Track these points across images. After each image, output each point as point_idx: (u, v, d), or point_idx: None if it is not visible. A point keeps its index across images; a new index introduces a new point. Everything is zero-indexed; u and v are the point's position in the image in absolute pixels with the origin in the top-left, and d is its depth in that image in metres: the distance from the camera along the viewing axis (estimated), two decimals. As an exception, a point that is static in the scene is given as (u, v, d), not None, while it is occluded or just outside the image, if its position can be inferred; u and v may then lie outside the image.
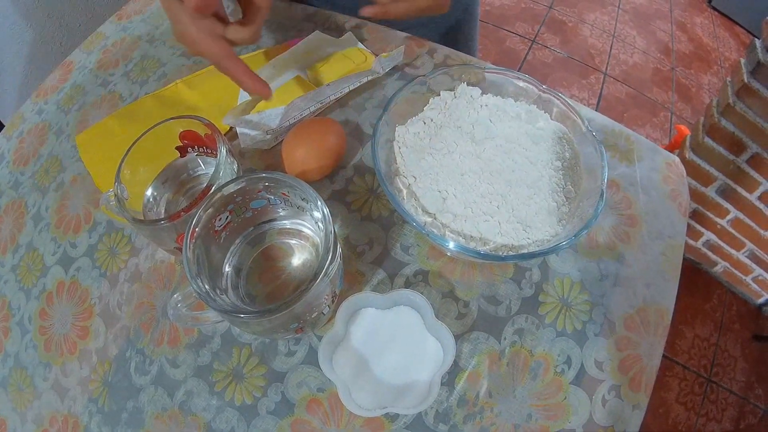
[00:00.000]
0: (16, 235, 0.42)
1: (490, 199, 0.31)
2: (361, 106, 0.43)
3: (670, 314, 0.35)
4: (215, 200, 0.27)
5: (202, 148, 0.34)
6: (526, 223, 0.30)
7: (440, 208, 0.31)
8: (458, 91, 0.36)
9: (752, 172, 0.90)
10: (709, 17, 1.75)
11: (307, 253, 0.31)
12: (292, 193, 0.28)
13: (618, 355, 0.33)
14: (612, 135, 0.43)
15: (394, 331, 0.30)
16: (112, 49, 0.53)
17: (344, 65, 0.42)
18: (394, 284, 0.34)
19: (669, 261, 0.37)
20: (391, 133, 0.34)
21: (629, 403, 0.32)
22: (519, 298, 0.34)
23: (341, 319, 0.30)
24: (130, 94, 0.48)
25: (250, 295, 0.30)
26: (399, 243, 0.35)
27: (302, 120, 0.39)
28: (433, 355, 0.30)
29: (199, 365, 0.33)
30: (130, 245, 0.38)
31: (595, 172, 0.32)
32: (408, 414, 0.30)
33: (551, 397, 0.31)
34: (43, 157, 0.46)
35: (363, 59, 0.43)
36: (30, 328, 0.37)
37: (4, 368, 0.37)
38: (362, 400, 0.29)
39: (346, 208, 0.37)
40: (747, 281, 1.09)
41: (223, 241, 0.29)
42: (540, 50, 1.52)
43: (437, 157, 0.32)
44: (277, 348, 0.33)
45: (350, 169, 0.39)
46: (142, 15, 0.56)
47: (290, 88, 0.40)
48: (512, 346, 0.32)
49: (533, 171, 0.32)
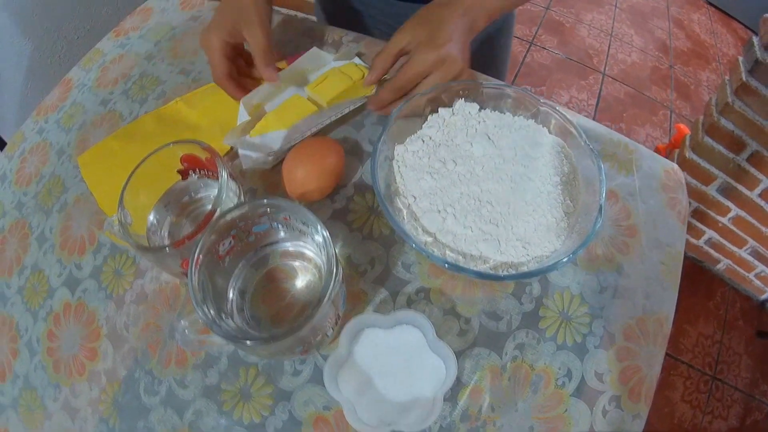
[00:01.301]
0: (21, 256, 0.42)
1: (489, 218, 0.31)
2: (360, 123, 0.43)
3: (670, 323, 0.36)
4: (218, 226, 0.28)
5: (204, 170, 0.34)
6: (525, 240, 0.31)
7: (440, 228, 0.31)
8: (456, 108, 0.36)
9: (752, 169, 0.90)
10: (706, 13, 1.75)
11: (310, 274, 0.31)
12: (293, 217, 0.28)
13: (618, 365, 0.33)
14: (610, 144, 0.43)
15: (396, 350, 0.31)
16: (111, 66, 0.53)
17: (342, 82, 0.42)
18: (396, 302, 0.34)
19: (668, 269, 0.37)
20: (390, 152, 0.35)
21: (629, 413, 0.32)
22: (519, 313, 0.34)
23: (345, 340, 0.30)
24: (129, 113, 0.48)
25: (256, 317, 0.30)
26: (400, 261, 0.36)
27: (302, 140, 0.39)
28: (436, 372, 0.30)
29: (207, 385, 0.33)
30: (135, 267, 0.39)
31: (594, 185, 0.32)
32: (412, 431, 0.31)
33: (552, 409, 0.32)
34: (46, 177, 0.46)
35: (360, 75, 0.43)
36: (38, 349, 0.38)
37: (14, 389, 0.37)
38: (367, 418, 0.29)
39: (347, 228, 0.37)
40: (750, 278, 1.09)
41: (227, 265, 0.30)
42: (538, 52, 1.52)
43: (436, 176, 0.33)
44: (284, 368, 0.33)
45: (350, 188, 0.39)
46: (139, 32, 0.56)
47: (290, 108, 0.41)
48: (513, 360, 0.33)
49: (532, 187, 0.33)
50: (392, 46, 0.38)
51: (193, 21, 0.55)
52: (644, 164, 0.42)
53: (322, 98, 0.41)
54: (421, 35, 0.37)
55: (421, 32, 0.37)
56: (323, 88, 0.41)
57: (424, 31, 0.37)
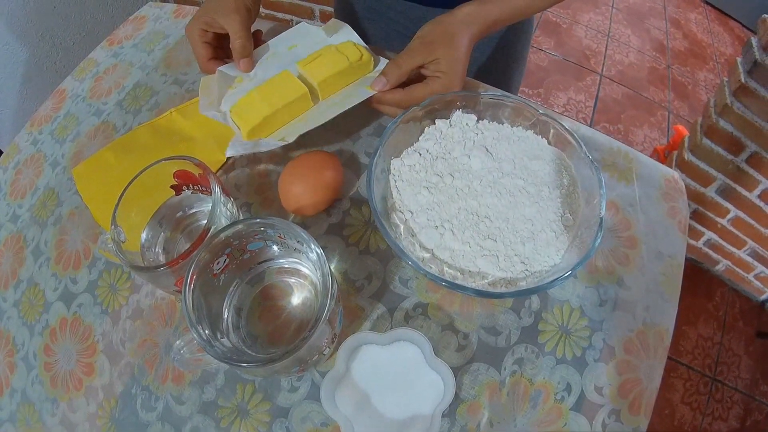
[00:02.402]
0: (17, 270, 0.42)
1: (487, 234, 0.31)
2: (356, 134, 0.43)
3: (670, 335, 0.35)
4: (213, 245, 0.27)
5: (197, 186, 0.34)
6: (524, 256, 0.31)
7: (438, 244, 0.31)
8: (453, 119, 0.36)
9: (751, 171, 0.89)
10: (702, 12, 1.74)
11: (307, 291, 0.31)
12: (287, 235, 0.28)
13: (617, 379, 0.33)
14: (610, 153, 0.43)
15: (394, 367, 0.31)
16: (104, 76, 0.53)
17: (338, 62, 0.38)
18: (394, 318, 0.34)
19: (668, 281, 0.37)
20: (386, 165, 0.34)
21: (629, 426, 0.32)
22: (518, 328, 0.34)
23: (342, 357, 0.30)
24: (123, 124, 0.48)
25: (252, 335, 0.30)
26: (397, 276, 0.35)
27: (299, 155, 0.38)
28: (434, 388, 0.30)
29: (204, 401, 0.33)
30: (130, 281, 0.38)
31: (594, 197, 0.32)
32: None
33: (552, 424, 0.32)
34: (40, 189, 0.46)
35: (358, 56, 0.38)
36: (35, 363, 0.37)
37: (11, 403, 0.37)
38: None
39: (343, 242, 0.37)
40: (749, 279, 1.09)
41: (222, 283, 0.29)
42: (535, 53, 1.51)
43: (433, 191, 0.32)
44: (281, 384, 0.33)
45: (347, 202, 0.39)
46: (132, 41, 0.56)
47: (277, 87, 0.37)
48: (512, 375, 0.33)
49: (531, 201, 0.32)
50: (414, 59, 0.38)
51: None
52: (644, 173, 0.42)
53: (313, 78, 0.37)
54: (446, 64, 0.37)
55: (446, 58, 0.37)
56: (315, 67, 0.37)
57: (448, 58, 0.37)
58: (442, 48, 0.37)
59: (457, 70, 0.37)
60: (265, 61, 0.40)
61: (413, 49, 0.38)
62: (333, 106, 0.38)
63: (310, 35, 0.41)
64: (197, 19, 0.42)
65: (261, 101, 0.36)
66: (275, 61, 0.40)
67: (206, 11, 0.42)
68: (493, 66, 0.58)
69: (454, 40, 0.37)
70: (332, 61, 0.38)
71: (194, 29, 0.42)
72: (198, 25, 0.42)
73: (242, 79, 0.40)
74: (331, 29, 0.42)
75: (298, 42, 0.41)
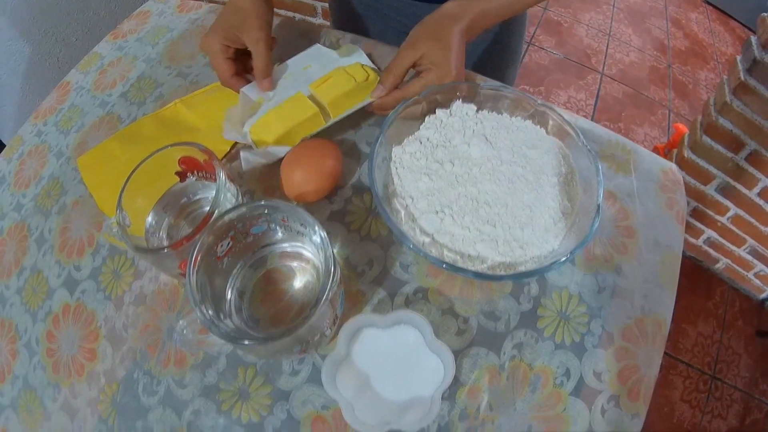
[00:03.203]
0: (20, 258, 0.42)
1: (487, 219, 0.31)
2: (357, 124, 0.43)
3: (668, 324, 0.36)
4: (217, 227, 0.28)
5: (201, 172, 0.34)
6: (523, 241, 0.31)
7: (438, 229, 0.31)
8: (453, 109, 0.37)
9: (751, 169, 0.90)
10: (703, 12, 1.75)
11: (309, 275, 0.31)
12: (291, 218, 0.28)
13: (616, 365, 0.33)
14: (608, 145, 0.43)
15: (394, 350, 0.31)
16: (109, 69, 0.53)
17: (346, 83, 0.41)
18: (395, 303, 0.34)
19: (666, 270, 0.37)
20: (387, 153, 0.35)
21: (628, 412, 0.32)
22: (518, 313, 0.34)
23: (343, 340, 0.30)
24: (128, 116, 0.48)
25: (254, 318, 0.30)
26: (398, 262, 0.36)
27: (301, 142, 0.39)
28: (434, 371, 0.30)
29: (206, 385, 0.33)
30: (133, 268, 0.39)
31: (592, 186, 0.32)
32: (411, 430, 0.31)
33: (551, 408, 0.32)
34: (44, 179, 0.46)
35: (365, 77, 0.41)
36: (37, 350, 0.38)
37: (13, 390, 0.37)
38: (366, 418, 0.29)
39: (345, 229, 0.37)
40: (749, 277, 1.09)
41: (226, 266, 0.30)
42: (536, 52, 1.52)
43: (434, 177, 0.33)
44: (282, 367, 0.33)
45: (348, 189, 0.39)
46: (137, 34, 0.56)
47: (291, 107, 0.40)
48: (512, 360, 0.33)
49: (530, 188, 0.33)
50: (403, 61, 0.39)
51: (191, 24, 0.56)
52: (642, 165, 0.42)
53: (323, 98, 0.40)
54: (435, 55, 0.38)
55: (434, 51, 0.38)
56: (326, 88, 0.41)
57: (435, 50, 0.38)
58: (428, 43, 0.38)
59: (448, 59, 0.37)
60: (282, 81, 0.43)
61: (401, 51, 0.39)
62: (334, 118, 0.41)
63: (323, 56, 0.45)
64: (217, 33, 0.41)
65: (276, 121, 0.39)
66: (291, 81, 0.43)
67: (228, 26, 0.40)
68: (488, 61, 0.59)
69: (439, 33, 0.38)
70: (341, 82, 0.41)
71: (215, 44, 0.41)
72: (219, 40, 0.41)
73: (262, 100, 0.42)
74: (344, 52, 0.45)
75: (312, 63, 0.44)
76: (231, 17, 0.41)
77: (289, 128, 0.39)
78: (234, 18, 0.40)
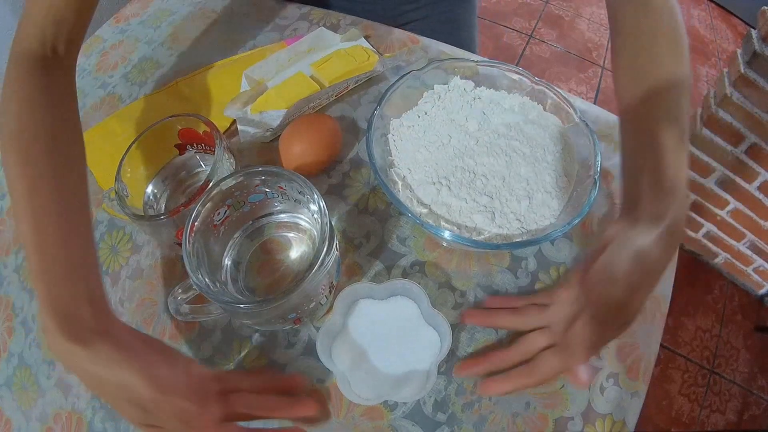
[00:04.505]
0: (18, 236, 0.42)
1: (484, 191, 0.31)
2: (356, 101, 0.43)
3: (667, 302, 0.35)
4: (214, 195, 0.28)
5: (201, 145, 0.34)
6: (520, 213, 0.31)
7: (435, 200, 0.31)
8: (451, 85, 0.37)
9: (751, 162, 0.89)
10: (706, 9, 1.75)
11: (305, 245, 0.31)
12: (289, 186, 0.28)
13: (615, 343, 0.33)
14: (606, 126, 0.43)
15: (391, 322, 0.31)
16: (111, 51, 0.53)
17: (346, 63, 0.42)
18: (391, 275, 0.34)
19: (664, 249, 0.37)
20: (386, 127, 0.35)
21: (628, 391, 0.32)
22: (515, 287, 0.34)
23: (339, 310, 0.30)
24: (129, 96, 0.48)
25: (250, 287, 0.30)
26: (395, 235, 0.36)
27: (299, 115, 0.40)
28: (430, 344, 0.30)
29: (201, 358, 0.33)
30: (131, 243, 0.39)
31: (588, 163, 0.32)
32: (407, 402, 0.31)
33: (549, 385, 0.32)
34: (45, 158, 0.46)
35: (366, 58, 0.43)
36: (33, 327, 0.38)
37: (8, 368, 0.37)
38: (361, 390, 0.29)
39: (343, 202, 0.37)
40: (748, 272, 1.09)
41: (222, 235, 0.30)
42: (537, 45, 1.52)
43: (431, 149, 0.33)
44: (277, 340, 0.33)
45: (347, 164, 0.39)
46: (139, 18, 0.56)
47: (291, 85, 0.40)
48: (509, 335, 0.33)
49: (527, 162, 0.33)
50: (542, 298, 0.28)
51: (193, 7, 0.56)
52: (640, 145, 0.42)
53: (324, 78, 0.41)
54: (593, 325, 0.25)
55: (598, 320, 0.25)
56: (327, 68, 0.41)
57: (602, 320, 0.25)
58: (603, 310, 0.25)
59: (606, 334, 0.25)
60: (286, 62, 0.43)
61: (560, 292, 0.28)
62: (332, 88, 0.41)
63: (326, 39, 0.45)
64: None
65: (277, 98, 0.39)
66: (294, 62, 0.44)
67: None
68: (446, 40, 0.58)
69: (624, 272, 0.24)
70: (341, 62, 0.42)
71: None
72: None
73: (263, 80, 0.42)
74: (347, 37, 0.46)
75: (314, 45, 0.45)
76: None
77: (290, 106, 0.39)
78: None
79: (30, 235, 0.24)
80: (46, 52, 0.30)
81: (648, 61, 0.29)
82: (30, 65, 0.30)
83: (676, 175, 0.26)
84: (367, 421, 0.30)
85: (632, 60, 0.30)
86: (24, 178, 0.26)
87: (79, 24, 0.32)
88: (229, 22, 0.53)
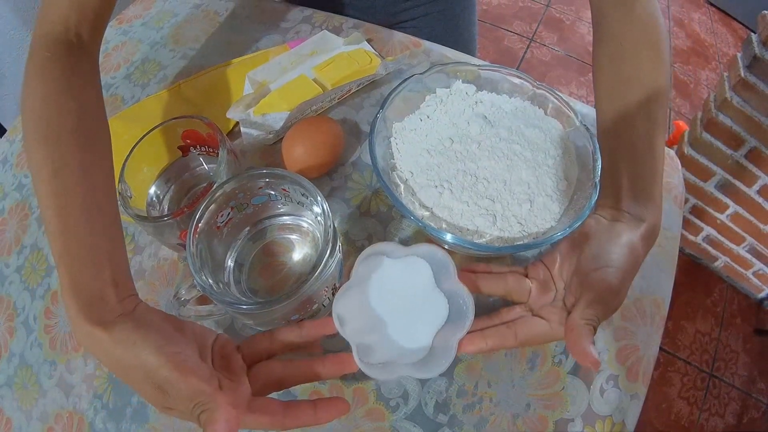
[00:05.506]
0: (20, 237, 0.42)
1: (485, 194, 0.31)
2: (359, 104, 0.44)
3: (667, 304, 0.36)
4: (217, 196, 0.28)
5: (204, 147, 0.35)
6: (521, 217, 0.31)
7: (437, 203, 0.31)
8: (453, 89, 0.37)
9: (751, 166, 0.90)
10: (706, 13, 1.75)
11: (308, 247, 0.31)
12: (293, 189, 0.28)
13: (615, 345, 0.33)
14: (607, 129, 0.43)
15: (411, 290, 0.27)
16: (113, 53, 0.53)
17: (349, 66, 0.42)
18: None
19: (665, 252, 0.38)
20: (388, 130, 0.35)
21: (627, 392, 0.32)
22: (516, 290, 0.34)
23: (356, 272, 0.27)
24: (131, 97, 0.48)
25: (252, 289, 0.31)
26: (397, 237, 0.36)
27: (302, 118, 0.40)
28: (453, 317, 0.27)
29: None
30: (133, 244, 0.39)
31: (589, 166, 0.32)
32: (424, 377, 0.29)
33: (549, 386, 0.32)
34: (47, 159, 0.46)
35: (368, 61, 0.43)
36: (35, 327, 0.38)
37: (9, 367, 0.37)
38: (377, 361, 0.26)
39: (345, 205, 0.38)
40: (747, 275, 1.09)
41: (225, 236, 0.30)
42: (538, 48, 1.53)
43: (433, 153, 0.33)
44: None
45: (349, 167, 0.40)
46: (142, 19, 0.56)
47: (294, 88, 0.41)
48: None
49: (528, 166, 0.33)
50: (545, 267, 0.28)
51: (195, 8, 0.56)
52: (641, 149, 0.43)
53: (327, 81, 0.41)
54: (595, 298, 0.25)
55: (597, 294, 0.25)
56: (329, 71, 0.42)
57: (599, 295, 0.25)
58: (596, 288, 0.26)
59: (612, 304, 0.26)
60: (288, 65, 0.44)
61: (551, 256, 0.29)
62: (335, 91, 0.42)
63: (329, 42, 0.46)
64: None
65: (280, 100, 0.40)
66: (297, 65, 0.44)
67: None
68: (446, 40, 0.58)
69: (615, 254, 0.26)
70: (343, 65, 0.42)
71: None
72: None
73: (266, 82, 0.43)
74: (350, 41, 0.46)
75: (317, 48, 0.45)
76: None
77: (293, 108, 0.39)
78: None
79: (54, 218, 0.24)
80: (71, 38, 0.30)
81: (630, 69, 0.31)
82: (56, 48, 0.29)
83: (653, 181, 0.29)
84: (369, 421, 0.31)
85: (615, 67, 0.32)
86: (49, 159, 0.25)
87: (102, 9, 0.31)
88: (231, 24, 0.53)
